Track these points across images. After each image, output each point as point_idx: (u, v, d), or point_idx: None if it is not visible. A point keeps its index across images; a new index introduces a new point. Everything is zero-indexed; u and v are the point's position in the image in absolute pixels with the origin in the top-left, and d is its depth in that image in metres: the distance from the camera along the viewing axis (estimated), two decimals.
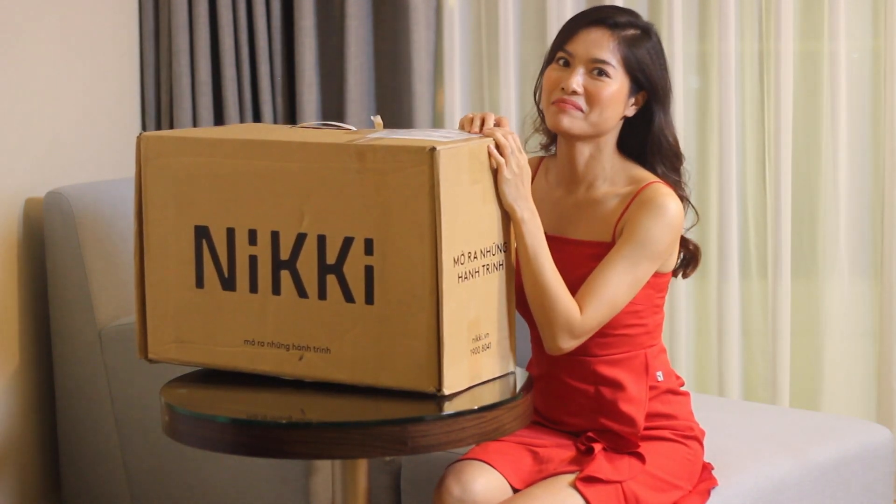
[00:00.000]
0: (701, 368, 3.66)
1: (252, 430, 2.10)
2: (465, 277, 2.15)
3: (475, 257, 2.17)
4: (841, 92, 3.43)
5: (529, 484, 2.34)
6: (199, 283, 2.28)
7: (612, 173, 2.40)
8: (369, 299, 2.15)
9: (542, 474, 2.35)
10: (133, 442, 3.19)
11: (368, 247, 2.14)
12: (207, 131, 2.41)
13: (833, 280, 3.50)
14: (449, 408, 2.12)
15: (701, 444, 2.47)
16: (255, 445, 2.10)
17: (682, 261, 2.46)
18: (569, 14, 3.58)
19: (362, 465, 2.28)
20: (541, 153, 2.55)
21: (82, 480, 3.31)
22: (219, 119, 3.75)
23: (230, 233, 2.24)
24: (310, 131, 2.30)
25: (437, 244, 2.10)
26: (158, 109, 3.78)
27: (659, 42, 2.41)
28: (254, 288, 2.24)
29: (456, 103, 3.75)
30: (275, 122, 3.76)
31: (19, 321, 3.30)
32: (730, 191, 3.49)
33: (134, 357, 3.12)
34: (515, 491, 2.34)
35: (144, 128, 3.78)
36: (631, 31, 2.36)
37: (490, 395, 2.20)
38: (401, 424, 2.07)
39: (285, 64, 3.77)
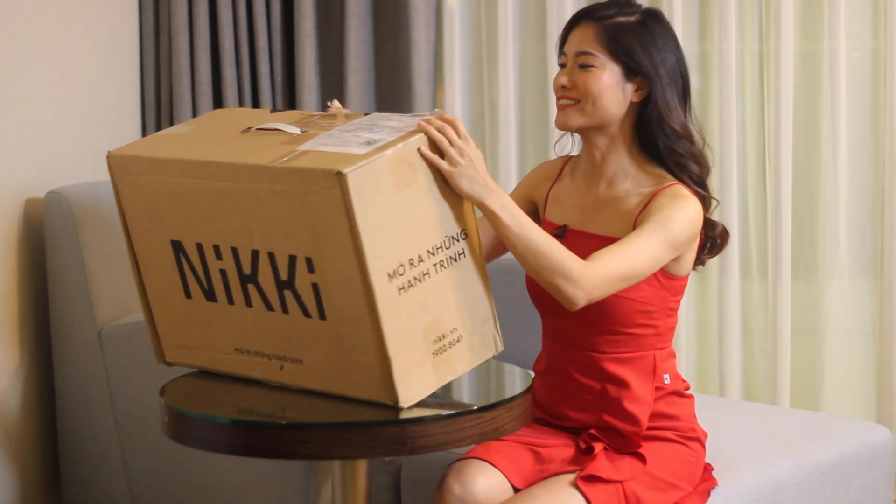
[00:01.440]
0: (701, 368, 3.66)
1: (252, 431, 2.10)
2: (411, 285, 2.10)
3: (421, 260, 2.12)
4: (841, 92, 3.43)
5: (530, 483, 2.34)
6: (187, 293, 2.30)
7: (633, 171, 2.40)
8: (322, 315, 2.14)
9: (543, 474, 2.35)
10: (133, 442, 3.19)
11: (310, 265, 2.11)
12: (169, 140, 2.36)
13: (833, 280, 3.50)
14: (445, 408, 2.12)
15: (703, 445, 2.47)
16: (255, 446, 2.10)
17: (709, 242, 2.44)
18: (569, 14, 3.58)
19: (362, 465, 2.28)
20: (571, 153, 2.55)
21: (82, 480, 3.31)
22: None
23: (199, 247, 2.25)
24: (253, 138, 2.25)
25: (364, 265, 2.05)
26: (158, 109, 3.78)
27: (659, 26, 2.38)
28: (231, 300, 2.25)
29: (456, 103, 3.76)
30: None
31: (19, 321, 3.30)
32: (730, 191, 3.49)
33: (134, 357, 3.14)
34: (516, 490, 2.34)
35: (144, 128, 3.78)
36: (619, 19, 2.36)
37: (489, 395, 2.20)
38: (401, 424, 2.07)
39: (285, 64, 3.77)
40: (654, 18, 2.39)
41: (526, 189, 2.56)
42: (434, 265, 2.14)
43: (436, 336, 2.15)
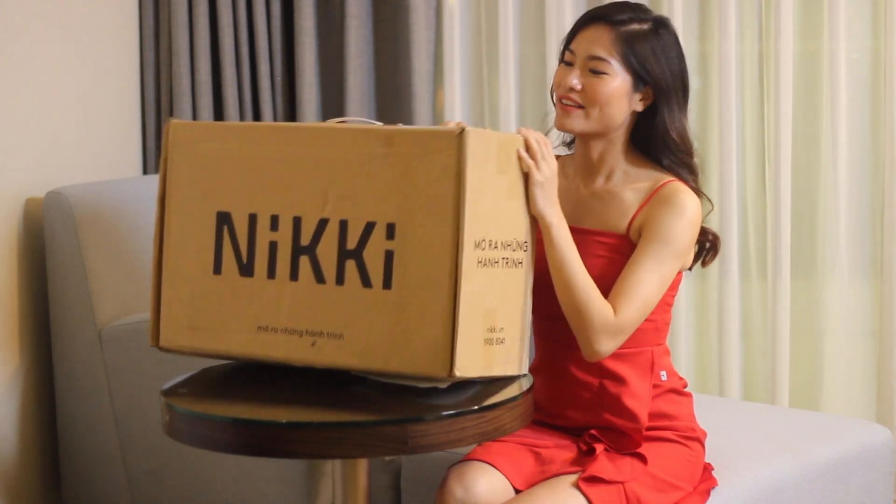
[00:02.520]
0: (701, 368, 3.66)
1: (252, 430, 2.10)
2: (485, 264, 2.17)
3: (496, 247, 2.19)
4: (841, 92, 3.43)
5: (532, 484, 2.34)
6: (217, 269, 2.30)
7: (628, 167, 2.42)
8: (387, 284, 2.17)
9: (544, 475, 2.35)
10: (133, 442, 3.19)
11: (390, 231, 2.16)
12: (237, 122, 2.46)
13: (833, 280, 3.50)
14: (448, 408, 2.13)
15: (702, 445, 2.47)
16: (255, 445, 2.10)
17: (702, 249, 2.47)
18: (568, 14, 3.59)
19: (362, 465, 2.28)
20: (563, 150, 2.55)
21: (82, 480, 3.31)
22: (218, 119, 3.75)
23: (252, 219, 2.27)
24: (333, 122, 2.34)
25: (460, 223, 2.12)
26: (158, 109, 3.78)
27: (669, 35, 2.39)
28: (272, 274, 2.26)
29: (456, 103, 3.76)
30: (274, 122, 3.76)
31: (19, 321, 3.30)
32: (730, 191, 3.49)
33: (134, 357, 3.14)
34: (517, 492, 2.34)
35: (144, 128, 3.78)
36: (634, 26, 2.36)
37: (490, 395, 2.20)
38: (401, 424, 2.07)
39: (285, 64, 3.77)
40: (665, 26, 2.39)
41: None
42: (504, 258, 2.21)
43: (490, 325, 2.20)
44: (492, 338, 2.21)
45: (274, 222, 2.25)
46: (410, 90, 3.68)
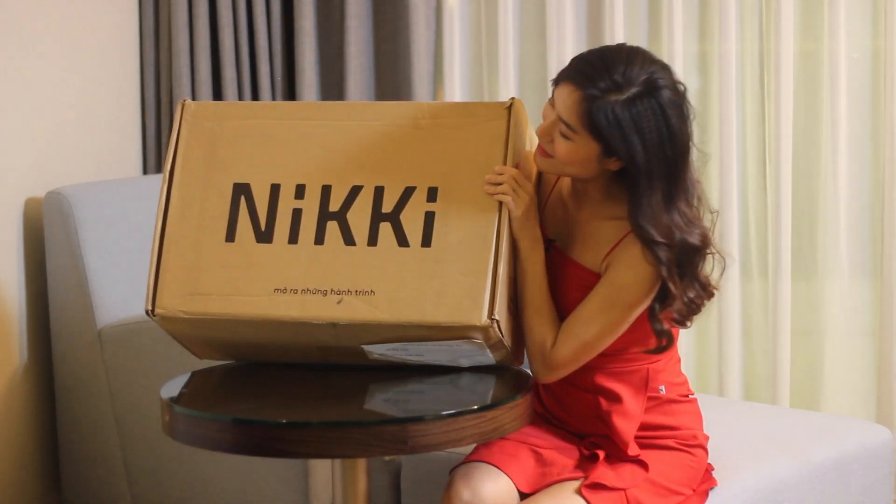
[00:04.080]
0: (701, 368, 3.66)
1: (252, 430, 2.10)
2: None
3: None
4: (841, 92, 3.43)
5: (533, 486, 2.34)
6: (230, 237, 2.30)
7: (611, 203, 2.32)
8: (426, 243, 2.24)
9: (545, 478, 2.35)
10: (133, 442, 3.19)
11: (432, 195, 2.26)
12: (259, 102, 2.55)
13: (833, 280, 3.50)
14: (447, 407, 2.13)
15: (705, 449, 2.46)
16: (255, 445, 2.10)
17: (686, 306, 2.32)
18: (569, 14, 3.59)
19: (362, 465, 2.28)
20: None
21: (82, 480, 3.31)
22: None
23: (274, 189, 2.30)
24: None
25: None
26: (158, 109, 3.78)
27: (657, 106, 2.18)
28: (293, 239, 2.28)
29: None
30: None
31: (19, 321, 3.30)
32: (730, 191, 3.49)
33: (134, 357, 3.14)
34: (521, 494, 2.34)
35: (144, 128, 3.78)
36: (607, 98, 2.17)
37: (489, 395, 2.21)
38: (401, 424, 2.07)
39: (285, 64, 3.77)
40: (652, 94, 2.18)
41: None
42: None
43: (512, 296, 2.30)
44: (511, 296, 2.28)
45: (300, 191, 2.29)
46: (410, 90, 3.68)
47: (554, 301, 2.33)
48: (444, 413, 2.10)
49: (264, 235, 2.29)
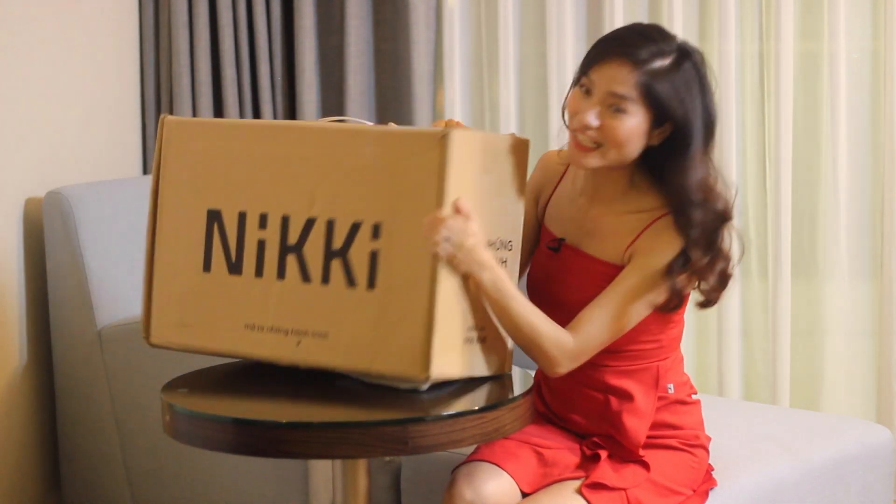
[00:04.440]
0: (701, 368, 3.66)
1: (252, 430, 2.10)
2: None
3: None
4: (841, 92, 3.43)
5: (535, 486, 2.34)
6: (207, 266, 2.31)
7: (634, 192, 2.34)
8: (371, 284, 2.18)
9: (547, 478, 2.35)
10: (133, 442, 3.19)
11: (375, 231, 2.17)
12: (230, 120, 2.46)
13: (833, 280, 3.51)
14: (448, 408, 2.13)
15: (707, 450, 2.46)
16: (255, 445, 2.10)
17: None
18: (568, 14, 3.59)
19: (362, 465, 2.28)
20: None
21: (82, 480, 3.31)
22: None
23: (241, 217, 2.28)
24: (325, 122, 2.36)
25: None
26: (158, 109, 3.78)
27: (693, 68, 2.28)
28: (259, 272, 2.27)
29: (456, 103, 3.76)
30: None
31: (19, 321, 3.30)
32: (730, 191, 3.48)
33: (134, 357, 3.14)
34: (523, 493, 2.34)
35: (144, 128, 3.78)
36: (657, 63, 2.25)
37: (490, 396, 2.20)
38: (401, 424, 2.07)
39: (285, 64, 3.77)
40: (688, 58, 2.28)
41: (533, 189, 2.51)
42: None
43: (471, 324, 2.21)
44: (472, 336, 2.21)
45: (263, 221, 2.26)
46: (410, 90, 3.68)
47: (568, 297, 2.33)
48: (445, 414, 2.10)
49: (235, 267, 2.28)
